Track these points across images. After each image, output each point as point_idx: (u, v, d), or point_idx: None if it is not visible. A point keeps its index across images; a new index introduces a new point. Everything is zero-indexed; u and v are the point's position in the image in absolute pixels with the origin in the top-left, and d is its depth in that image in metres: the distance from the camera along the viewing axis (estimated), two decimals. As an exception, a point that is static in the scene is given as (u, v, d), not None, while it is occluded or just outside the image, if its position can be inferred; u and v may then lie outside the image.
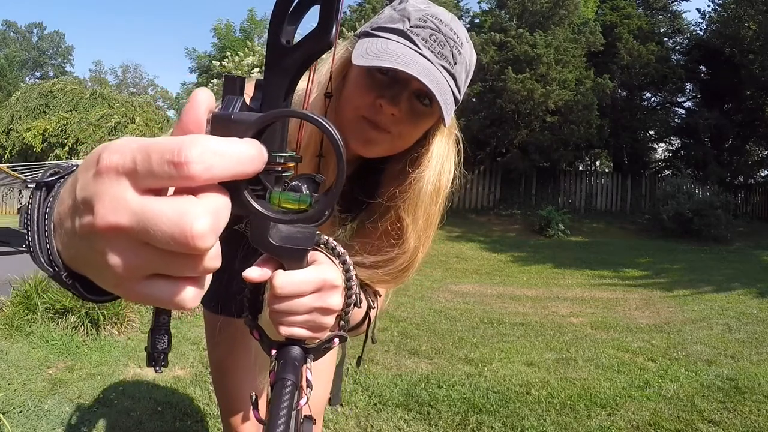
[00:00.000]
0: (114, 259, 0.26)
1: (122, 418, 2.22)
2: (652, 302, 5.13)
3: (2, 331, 2.97)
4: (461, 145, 0.78)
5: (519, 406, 2.48)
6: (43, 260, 0.32)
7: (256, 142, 0.28)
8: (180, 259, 0.26)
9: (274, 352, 0.51)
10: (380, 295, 0.81)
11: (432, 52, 0.65)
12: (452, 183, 0.76)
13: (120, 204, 0.24)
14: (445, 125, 0.68)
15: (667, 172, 15.22)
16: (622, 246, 9.67)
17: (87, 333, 3.07)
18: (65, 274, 0.32)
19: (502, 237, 10.44)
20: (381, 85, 0.66)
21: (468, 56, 0.69)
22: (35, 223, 0.32)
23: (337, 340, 0.54)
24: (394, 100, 0.66)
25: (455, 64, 0.67)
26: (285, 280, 0.46)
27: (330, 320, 0.52)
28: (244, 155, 0.26)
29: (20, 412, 2.17)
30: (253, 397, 0.60)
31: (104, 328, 3.15)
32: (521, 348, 3.47)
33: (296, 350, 0.50)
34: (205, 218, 0.24)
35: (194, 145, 0.24)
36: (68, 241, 0.29)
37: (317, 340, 0.52)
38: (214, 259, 0.27)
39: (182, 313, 3.70)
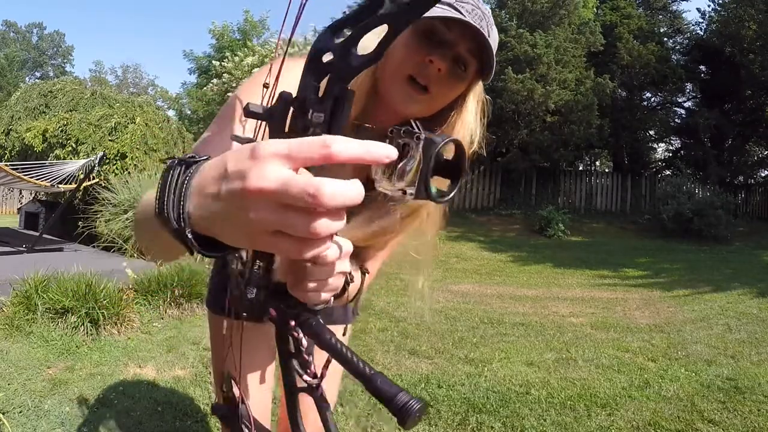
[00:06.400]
0: (253, 215, 0.34)
1: (122, 418, 2.22)
2: (652, 302, 5.13)
3: (2, 331, 2.97)
4: (486, 108, 0.85)
5: (519, 406, 2.48)
6: (173, 217, 0.39)
7: (379, 144, 0.36)
8: (299, 220, 0.34)
9: (292, 323, 0.54)
10: (368, 272, 0.89)
11: (474, 22, 0.72)
12: (478, 143, 0.84)
13: (268, 174, 0.33)
14: (487, 80, 0.78)
15: (667, 172, 15.24)
16: (622, 246, 9.67)
17: (87, 333, 3.07)
18: (189, 230, 0.39)
19: (502, 237, 10.43)
20: (428, 45, 0.73)
21: (495, 35, 0.77)
22: (174, 188, 0.40)
23: (332, 299, 0.60)
24: (443, 57, 0.73)
25: (489, 36, 0.73)
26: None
27: (341, 283, 0.58)
28: (366, 147, 0.35)
29: (20, 412, 2.17)
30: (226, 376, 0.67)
31: (104, 328, 3.15)
32: (521, 348, 3.47)
33: (310, 315, 0.54)
34: (332, 185, 0.33)
35: (336, 137, 0.34)
36: (206, 202, 0.38)
37: (320, 305, 0.57)
38: (321, 227, 0.35)
39: (182, 313, 3.73)
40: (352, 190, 0.34)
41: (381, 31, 0.39)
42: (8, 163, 5.80)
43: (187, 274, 3.85)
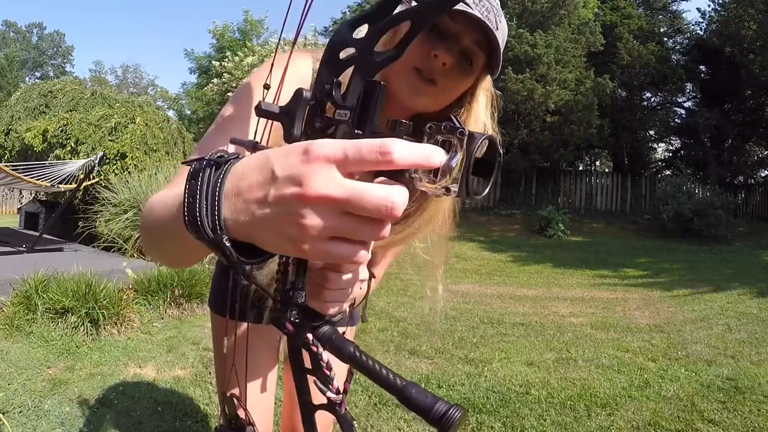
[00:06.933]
0: (310, 222, 0.32)
1: (122, 418, 2.22)
2: (652, 302, 5.13)
3: (2, 331, 2.97)
4: (497, 102, 0.83)
5: (519, 406, 2.48)
6: (208, 226, 0.36)
7: (436, 149, 0.35)
8: (367, 227, 0.33)
9: (310, 336, 0.51)
10: (375, 276, 0.87)
11: (480, 14, 0.70)
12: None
13: (331, 181, 0.32)
14: (494, 74, 0.76)
15: (667, 172, 15.24)
16: (622, 246, 9.67)
17: (87, 333, 3.07)
18: (226, 238, 0.36)
19: (502, 237, 10.44)
20: (433, 39, 0.72)
21: (504, 28, 0.75)
22: (206, 193, 0.36)
23: (347, 309, 0.59)
24: (448, 50, 0.71)
25: (497, 29, 0.71)
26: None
27: (358, 291, 0.57)
28: (426, 152, 0.34)
29: (20, 412, 2.17)
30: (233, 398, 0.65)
31: (104, 328, 3.15)
32: (521, 348, 3.47)
33: (328, 326, 0.51)
34: (401, 196, 0.32)
35: (395, 142, 0.32)
36: (247, 208, 0.35)
37: (339, 314, 0.55)
38: (387, 231, 0.34)
39: (182, 313, 3.73)
40: (408, 195, 0.33)
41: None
42: (8, 164, 5.80)
43: (187, 274, 3.85)
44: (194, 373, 2.75)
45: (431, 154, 0.34)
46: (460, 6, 0.67)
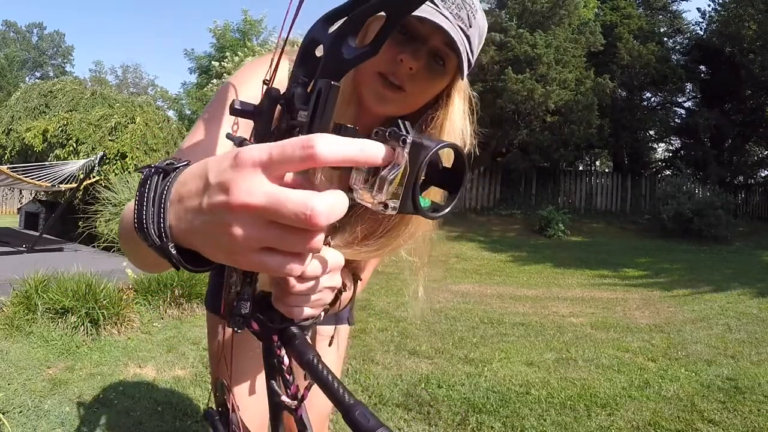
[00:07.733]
0: (238, 231, 0.31)
1: (122, 418, 2.22)
2: (652, 302, 5.13)
3: (2, 331, 2.97)
4: (474, 104, 0.81)
5: (519, 406, 2.48)
6: (154, 232, 0.36)
7: (374, 144, 0.32)
8: (294, 237, 0.32)
9: (276, 338, 0.52)
10: (361, 279, 0.86)
11: (450, 12, 0.67)
12: (470, 141, 0.79)
13: (254, 188, 0.30)
14: (462, 78, 0.72)
15: (667, 172, 15.24)
16: (622, 246, 9.67)
17: (87, 333, 3.07)
18: (172, 245, 0.36)
19: (502, 237, 10.43)
20: (400, 42, 0.68)
21: (481, 22, 0.71)
22: (153, 200, 0.36)
23: (323, 314, 0.57)
24: (414, 54, 0.68)
25: (470, 27, 0.69)
26: (334, 260, 0.50)
27: (331, 297, 0.55)
28: (360, 147, 0.32)
29: (20, 412, 2.17)
30: (224, 384, 0.63)
31: (104, 328, 3.15)
32: (521, 348, 3.47)
33: (295, 330, 0.52)
34: (324, 203, 0.30)
35: (321, 136, 0.30)
36: (186, 216, 0.34)
37: (310, 319, 0.54)
38: (319, 242, 0.33)
39: (182, 313, 3.73)
40: (342, 204, 0.31)
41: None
42: (9, 166, 5.80)
43: (187, 274, 3.85)
44: (194, 373, 2.75)
45: (367, 148, 0.32)
46: (425, 12, 0.64)
